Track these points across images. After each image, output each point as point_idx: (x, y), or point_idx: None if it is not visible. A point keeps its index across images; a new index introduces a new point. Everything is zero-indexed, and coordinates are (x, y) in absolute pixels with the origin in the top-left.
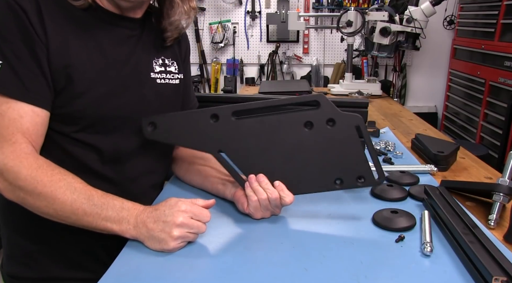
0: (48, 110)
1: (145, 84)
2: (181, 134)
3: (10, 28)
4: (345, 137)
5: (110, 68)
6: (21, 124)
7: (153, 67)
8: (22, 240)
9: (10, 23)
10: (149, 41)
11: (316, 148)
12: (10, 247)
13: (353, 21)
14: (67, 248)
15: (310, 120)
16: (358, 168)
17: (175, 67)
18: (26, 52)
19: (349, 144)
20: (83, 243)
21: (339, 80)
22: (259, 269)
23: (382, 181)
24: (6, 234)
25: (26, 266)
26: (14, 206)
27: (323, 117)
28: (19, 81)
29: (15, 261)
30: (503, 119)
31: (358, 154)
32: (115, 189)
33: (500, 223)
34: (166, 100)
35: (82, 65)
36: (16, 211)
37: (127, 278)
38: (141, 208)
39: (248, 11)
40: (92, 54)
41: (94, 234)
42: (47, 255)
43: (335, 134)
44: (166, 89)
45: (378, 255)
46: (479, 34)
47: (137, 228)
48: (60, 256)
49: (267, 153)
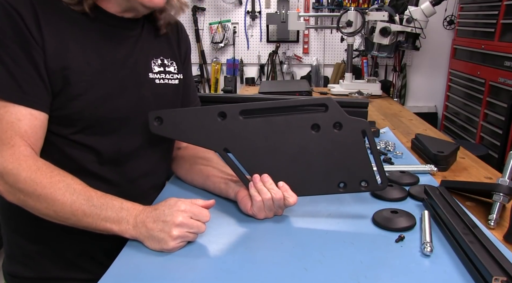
0: (46, 113)
1: (143, 84)
2: (187, 130)
3: (6, 32)
4: (351, 142)
5: (108, 69)
6: (19, 128)
7: (152, 68)
8: (22, 240)
9: (6, 27)
10: (148, 41)
11: (322, 150)
12: (10, 247)
13: (353, 21)
14: (65, 249)
15: (317, 123)
16: (362, 172)
17: (174, 68)
18: (23, 56)
19: (355, 148)
20: (81, 244)
21: (339, 80)
22: (259, 269)
23: (385, 186)
24: (6, 234)
25: (26, 266)
26: (14, 207)
27: (330, 120)
28: (17, 84)
29: (15, 261)
30: (503, 119)
31: (363, 159)
32: (115, 190)
33: (500, 223)
34: (165, 101)
35: (80, 67)
36: (16, 212)
37: (127, 278)
38: (141, 208)
39: (248, 11)
40: (90, 56)
41: (93, 235)
42: (46, 256)
43: (341, 138)
44: (165, 89)
45: (378, 255)
46: (479, 34)
47: (137, 228)
48: (59, 257)
49: (272, 153)
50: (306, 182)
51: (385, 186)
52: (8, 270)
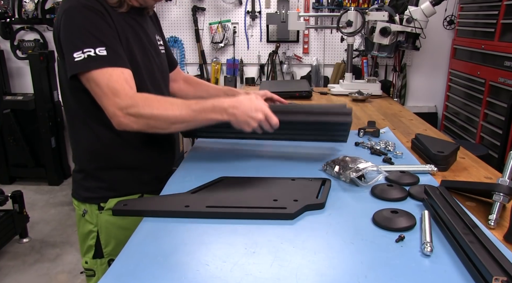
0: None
1: (158, 54)
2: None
3: (103, 26)
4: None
5: (143, 46)
6: (125, 78)
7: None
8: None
9: (103, 25)
10: (150, 24)
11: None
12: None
13: (353, 21)
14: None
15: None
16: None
17: (160, 40)
18: (113, 40)
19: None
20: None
21: (339, 80)
22: (258, 270)
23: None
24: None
25: (98, 179)
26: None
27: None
28: (119, 56)
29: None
30: (503, 119)
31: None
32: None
33: (500, 223)
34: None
35: (129, 45)
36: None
37: (127, 278)
38: (228, 98)
39: (248, 11)
40: (132, 37)
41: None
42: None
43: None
44: (164, 57)
45: (378, 255)
46: (479, 34)
47: (233, 108)
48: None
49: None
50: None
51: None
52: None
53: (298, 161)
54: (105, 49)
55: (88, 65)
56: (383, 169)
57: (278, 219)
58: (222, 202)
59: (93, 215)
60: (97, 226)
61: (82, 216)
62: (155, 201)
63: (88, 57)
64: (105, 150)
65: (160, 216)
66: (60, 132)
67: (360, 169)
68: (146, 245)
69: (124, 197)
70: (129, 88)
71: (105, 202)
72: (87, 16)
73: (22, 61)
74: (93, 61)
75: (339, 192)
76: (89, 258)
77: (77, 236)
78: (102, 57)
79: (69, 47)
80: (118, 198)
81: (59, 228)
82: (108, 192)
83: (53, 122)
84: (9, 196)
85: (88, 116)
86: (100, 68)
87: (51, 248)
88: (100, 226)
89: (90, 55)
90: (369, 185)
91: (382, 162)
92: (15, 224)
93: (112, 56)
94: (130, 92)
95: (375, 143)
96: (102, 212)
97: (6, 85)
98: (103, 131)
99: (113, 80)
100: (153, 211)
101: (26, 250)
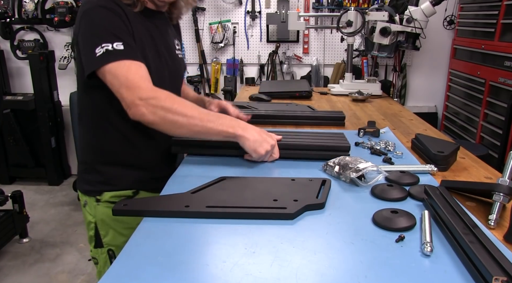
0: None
1: (174, 59)
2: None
3: (120, 24)
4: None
5: (156, 49)
6: (142, 71)
7: (175, 46)
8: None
9: (119, 23)
10: (168, 29)
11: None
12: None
13: (353, 21)
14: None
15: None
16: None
17: (179, 46)
18: (129, 37)
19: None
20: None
21: (339, 80)
22: (258, 270)
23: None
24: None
25: (98, 173)
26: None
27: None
28: (135, 52)
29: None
30: (503, 119)
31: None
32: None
33: (500, 223)
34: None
35: (142, 46)
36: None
37: (127, 278)
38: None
39: (248, 11)
40: (146, 39)
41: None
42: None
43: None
44: (182, 61)
45: (378, 255)
46: (479, 34)
47: (246, 130)
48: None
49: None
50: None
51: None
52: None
53: (298, 161)
54: (122, 44)
55: (107, 58)
56: (383, 169)
57: (278, 219)
58: (222, 202)
59: (92, 206)
60: (95, 217)
61: (83, 206)
62: (155, 201)
63: (106, 51)
64: (107, 145)
65: (160, 216)
66: (60, 132)
67: (360, 169)
68: (146, 245)
69: (118, 192)
70: (149, 82)
71: (101, 195)
72: (104, 15)
73: (22, 61)
74: (111, 54)
75: (339, 192)
76: (92, 247)
77: (77, 236)
78: (119, 51)
79: (88, 45)
80: (112, 192)
81: (59, 228)
82: (104, 186)
83: (53, 122)
84: (9, 196)
85: (96, 113)
86: (118, 61)
87: (51, 248)
88: (97, 218)
89: (108, 50)
90: (369, 185)
91: (382, 162)
92: (15, 224)
93: (129, 51)
94: (150, 85)
95: (375, 143)
96: (99, 204)
97: (6, 85)
98: (108, 127)
99: (132, 72)
100: (153, 211)
101: (26, 250)
